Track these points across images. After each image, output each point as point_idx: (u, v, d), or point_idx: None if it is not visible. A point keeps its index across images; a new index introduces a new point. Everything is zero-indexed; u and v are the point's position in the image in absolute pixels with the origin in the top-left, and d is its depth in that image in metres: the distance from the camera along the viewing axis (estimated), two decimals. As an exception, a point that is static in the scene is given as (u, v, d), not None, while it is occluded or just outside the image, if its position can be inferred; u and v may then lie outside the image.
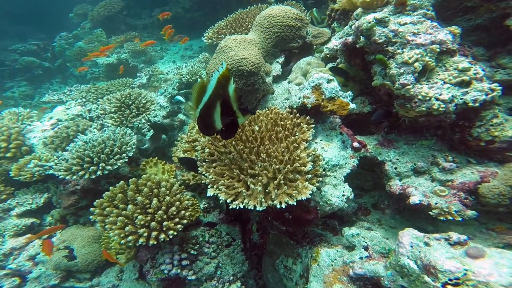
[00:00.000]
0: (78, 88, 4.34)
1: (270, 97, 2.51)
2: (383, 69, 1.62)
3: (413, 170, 1.65)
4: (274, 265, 2.09)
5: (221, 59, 2.53)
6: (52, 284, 2.35)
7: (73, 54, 5.86)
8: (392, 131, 1.79)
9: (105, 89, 3.91)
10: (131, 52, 5.38)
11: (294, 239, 1.99)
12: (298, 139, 1.64)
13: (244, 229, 2.36)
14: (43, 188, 2.91)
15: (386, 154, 1.74)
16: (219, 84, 1.26)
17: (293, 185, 1.46)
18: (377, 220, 1.93)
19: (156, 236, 1.67)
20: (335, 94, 1.72)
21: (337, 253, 1.58)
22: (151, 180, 1.87)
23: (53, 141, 2.83)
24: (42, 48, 7.56)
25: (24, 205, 2.76)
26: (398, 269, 1.14)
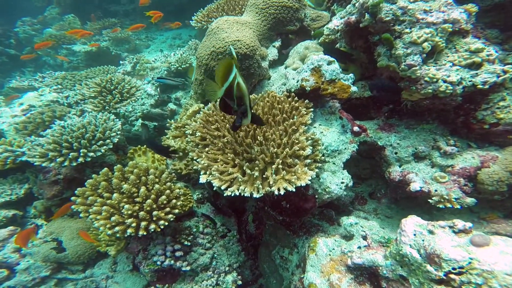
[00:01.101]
0: (52, 75, 4.03)
1: (266, 82, 2.40)
2: (388, 49, 1.55)
3: (414, 155, 1.61)
4: (270, 255, 2.05)
5: (212, 41, 2.38)
6: (43, 275, 2.25)
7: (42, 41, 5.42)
8: (393, 115, 1.73)
9: (84, 76, 3.65)
10: (112, 40, 5.06)
11: (291, 229, 1.94)
12: (296, 122, 1.56)
13: (240, 220, 2.29)
14: (22, 178, 2.72)
15: (386, 139, 1.69)
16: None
17: (292, 170, 1.38)
18: (373, 209, 1.90)
19: (145, 226, 1.56)
20: (336, 77, 1.63)
21: (335, 242, 1.53)
22: (138, 167, 1.74)
23: (26, 127, 2.61)
24: (1, 34, 6.97)
25: (2, 196, 2.58)
26: (399, 259, 1.09)
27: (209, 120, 1.75)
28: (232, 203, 2.32)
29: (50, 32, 5.28)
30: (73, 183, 2.42)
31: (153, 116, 3.34)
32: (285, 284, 1.91)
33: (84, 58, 4.94)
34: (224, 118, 1.74)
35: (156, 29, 6.09)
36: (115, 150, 2.48)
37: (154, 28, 6.12)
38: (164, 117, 3.40)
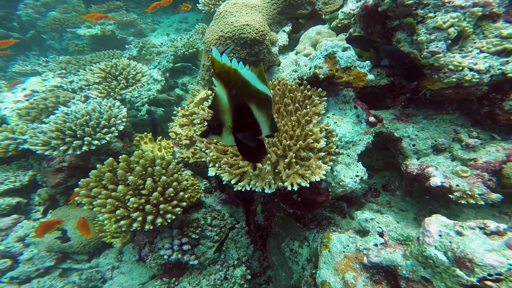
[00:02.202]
0: (56, 59, 3.93)
1: (276, 69, 2.28)
2: (409, 35, 1.42)
3: (433, 147, 1.51)
4: (279, 247, 2.01)
5: (220, 26, 2.25)
6: (48, 265, 2.23)
7: (46, 24, 5.27)
8: (410, 104, 1.63)
9: (88, 61, 3.55)
10: (117, 23, 4.89)
11: (301, 222, 1.89)
12: (310, 112, 1.46)
13: (248, 210, 2.25)
14: (26, 165, 2.69)
15: (403, 130, 1.59)
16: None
17: (305, 164, 1.31)
18: (387, 202, 1.83)
19: (152, 220, 1.52)
20: (352, 64, 1.52)
21: (350, 239, 1.47)
22: (144, 158, 1.68)
23: (29, 113, 2.55)
24: (3, 17, 6.78)
25: (6, 183, 2.55)
26: (421, 260, 1.03)
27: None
28: (240, 192, 2.28)
29: (54, 15, 5.11)
30: (77, 170, 2.38)
31: (160, 102, 3.26)
32: (294, 278, 1.88)
33: (89, 42, 4.80)
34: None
35: (163, 12, 5.88)
36: (121, 137, 2.42)
37: (160, 11, 5.91)
38: (171, 103, 3.32)
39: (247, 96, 0.63)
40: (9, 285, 2.15)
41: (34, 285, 2.13)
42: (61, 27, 4.77)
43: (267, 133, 0.74)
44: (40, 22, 5.77)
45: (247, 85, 0.61)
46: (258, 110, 0.66)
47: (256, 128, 0.69)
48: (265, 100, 0.67)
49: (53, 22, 4.80)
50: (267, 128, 0.72)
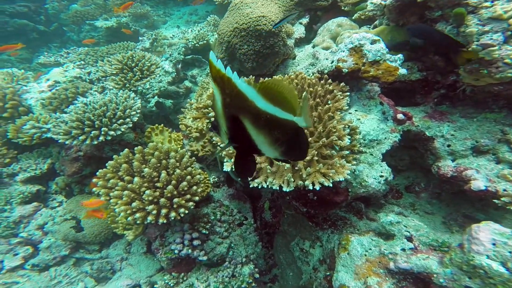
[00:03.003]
0: (76, 50, 4.00)
1: (291, 62, 2.20)
2: (454, 27, 1.29)
3: (473, 148, 1.40)
4: (288, 246, 1.96)
5: (235, 17, 2.18)
6: (63, 254, 2.29)
7: (68, 17, 5.39)
8: (444, 101, 1.51)
9: (105, 52, 3.58)
10: (131, 16, 4.92)
11: (314, 221, 1.83)
12: (332, 107, 1.38)
13: (255, 206, 2.20)
14: (46, 153, 2.75)
15: (437, 129, 1.47)
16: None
17: (328, 163, 1.23)
18: (410, 204, 1.73)
19: (166, 214, 1.49)
20: (381, 57, 1.42)
21: (372, 242, 1.39)
22: (158, 149, 1.65)
23: (52, 103, 2.60)
24: (33, 11, 6.99)
25: (28, 171, 2.61)
26: (467, 269, 0.95)
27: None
28: (248, 188, 2.24)
29: (76, 8, 5.22)
30: (92, 160, 2.41)
31: (169, 94, 3.26)
32: (304, 278, 1.83)
33: (105, 34, 4.87)
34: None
35: (174, 4, 5.86)
36: (133, 128, 2.42)
37: (171, 3, 5.90)
38: (180, 95, 3.31)
39: (241, 109, 0.58)
40: (31, 272, 2.22)
41: (52, 273, 2.19)
42: (81, 20, 4.87)
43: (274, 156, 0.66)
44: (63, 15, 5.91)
45: (242, 97, 0.55)
46: (253, 128, 0.60)
47: (251, 144, 0.62)
48: (266, 120, 0.58)
49: (75, 15, 4.90)
50: (272, 152, 0.64)
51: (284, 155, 0.65)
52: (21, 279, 2.14)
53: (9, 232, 2.40)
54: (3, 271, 2.19)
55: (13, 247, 2.33)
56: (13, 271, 2.20)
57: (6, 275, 2.16)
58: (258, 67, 2.13)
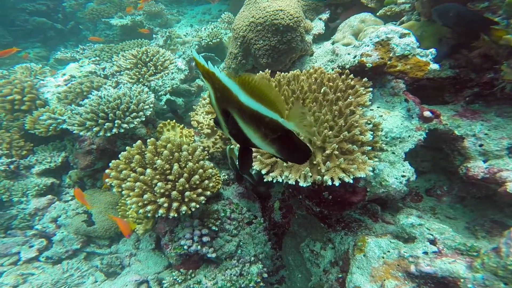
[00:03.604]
0: (92, 47, 4.08)
1: (308, 59, 2.15)
2: (504, 18, 1.21)
3: (510, 149, 1.30)
4: (297, 247, 1.91)
5: (252, 11, 2.15)
6: (75, 248, 2.31)
7: (85, 15, 5.51)
8: (477, 100, 1.42)
9: (120, 49, 3.62)
10: (146, 14, 5.00)
11: (326, 222, 1.77)
12: (353, 102, 1.32)
13: (264, 206, 2.16)
14: (60, 146, 2.79)
15: (468, 127, 1.39)
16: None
17: (349, 158, 1.17)
18: (430, 208, 1.64)
19: (177, 207, 1.46)
20: (410, 52, 1.35)
21: (390, 244, 1.32)
22: (171, 142, 1.63)
23: (67, 96, 2.64)
24: (52, 9, 7.19)
25: (44, 163, 2.65)
26: (503, 274, 0.87)
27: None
28: (257, 187, 2.19)
29: (92, 6, 5.35)
30: (104, 154, 2.41)
31: (181, 92, 3.25)
32: (314, 280, 1.77)
33: (119, 33, 4.95)
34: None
35: (188, 3, 5.93)
36: (145, 123, 2.43)
37: (185, 2, 5.97)
38: (191, 93, 3.30)
39: (228, 103, 0.59)
40: (45, 264, 2.24)
41: (64, 266, 2.20)
42: (97, 17, 4.97)
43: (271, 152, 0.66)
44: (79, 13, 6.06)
45: (227, 91, 0.57)
46: (242, 121, 0.60)
47: (246, 137, 0.63)
48: (251, 114, 0.58)
49: (91, 12, 5.02)
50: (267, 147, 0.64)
51: (280, 154, 0.64)
52: (36, 270, 2.16)
53: (25, 224, 2.44)
54: (20, 262, 2.23)
55: (28, 239, 2.37)
56: (29, 262, 2.23)
57: (23, 266, 2.20)
58: (274, 63, 2.09)
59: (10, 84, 2.74)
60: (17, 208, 2.45)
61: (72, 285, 2.12)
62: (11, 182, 2.50)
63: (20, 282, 2.07)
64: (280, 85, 1.54)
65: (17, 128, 2.75)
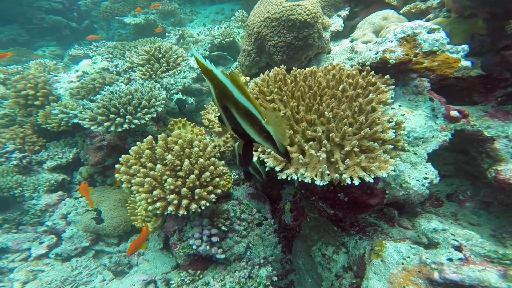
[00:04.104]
0: (105, 44, 4.13)
1: (325, 56, 2.09)
2: None
3: None
4: (308, 251, 1.86)
5: (267, 6, 2.11)
6: (84, 245, 2.30)
7: (99, 13, 5.60)
8: (510, 101, 1.33)
9: (133, 46, 3.65)
10: (159, 13, 5.04)
11: (340, 226, 1.71)
12: (375, 99, 1.25)
13: (274, 208, 2.10)
14: (72, 142, 2.80)
15: (499, 129, 1.30)
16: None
17: (370, 156, 1.11)
18: (452, 214, 1.55)
19: (187, 205, 1.42)
20: (439, 48, 1.28)
21: (411, 249, 1.24)
22: (182, 138, 1.59)
23: (79, 92, 2.66)
24: (67, 7, 7.35)
25: (55, 159, 2.67)
26: None
27: (263, 91, 1.53)
28: (265, 188, 2.14)
29: (106, 5, 5.43)
30: (115, 150, 2.40)
31: (192, 91, 3.23)
32: (325, 285, 1.71)
33: (132, 32, 5.00)
34: (280, 90, 1.51)
35: (201, 3, 5.96)
36: (156, 120, 2.41)
37: (198, 2, 6.00)
38: (203, 93, 3.28)
39: (226, 99, 0.63)
40: (55, 261, 2.24)
41: (74, 264, 2.19)
42: (111, 15, 5.04)
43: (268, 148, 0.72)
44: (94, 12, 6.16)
45: (224, 87, 0.61)
46: (238, 116, 0.65)
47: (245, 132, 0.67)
48: (244, 111, 0.63)
49: (105, 10, 5.10)
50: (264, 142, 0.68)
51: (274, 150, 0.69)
52: (46, 267, 2.16)
53: (36, 220, 2.44)
54: (30, 258, 2.23)
55: (39, 235, 2.38)
56: (39, 259, 2.24)
57: (33, 262, 2.20)
58: (289, 60, 2.04)
59: (24, 79, 2.78)
60: (28, 204, 2.46)
61: (81, 283, 2.11)
62: (23, 177, 2.51)
63: (30, 278, 2.07)
64: (296, 81, 1.49)
65: (30, 124, 2.78)
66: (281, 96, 1.46)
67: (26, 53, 6.39)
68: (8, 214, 2.38)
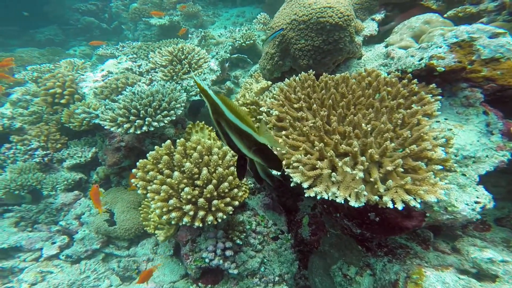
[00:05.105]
0: (131, 44, 4.20)
1: (355, 62, 1.94)
2: None
3: None
4: (327, 269, 1.72)
5: (294, 8, 2.00)
6: (94, 248, 2.27)
7: (128, 14, 5.77)
8: None
9: (157, 47, 3.68)
10: (183, 15, 5.11)
11: (365, 245, 1.56)
12: (419, 111, 1.10)
13: (290, 220, 1.98)
14: (92, 141, 2.83)
15: None
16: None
17: (417, 178, 0.95)
18: (502, 240, 1.36)
19: (203, 217, 1.32)
20: (503, 55, 1.11)
21: (459, 281, 1.07)
22: (201, 144, 1.51)
23: (103, 92, 2.68)
24: (100, 9, 7.68)
25: (75, 158, 2.70)
26: None
27: (289, 98, 1.41)
28: (281, 197, 2.01)
29: (135, 6, 5.60)
30: (132, 152, 2.38)
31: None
32: None
33: (157, 33, 5.10)
34: (308, 97, 1.38)
35: (223, 5, 5.99)
36: (174, 123, 2.36)
37: (221, 5, 6.04)
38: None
39: (219, 115, 0.68)
40: (64, 263, 2.22)
41: (82, 266, 2.17)
42: (138, 17, 5.17)
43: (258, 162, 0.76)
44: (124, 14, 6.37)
45: (216, 105, 0.67)
46: (229, 132, 0.69)
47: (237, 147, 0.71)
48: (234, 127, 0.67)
49: (134, 12, 5.24)
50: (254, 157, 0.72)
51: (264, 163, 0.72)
52: (55, 269, 2.14)
53: (51, 219, 2.46)
54: (41, 258, 2.23)
55: (52, 234, 2.38)
56: (50, 259, 2.23)
57: (43, 263, 2.19)
58: (316, 65, 1.91)
59: (54, 77, 2.85)
60: (45, 202, 2.48)
61: (88, 287, 2.08)
62: (43, 175, 2.55)
63: (39, 279, 2.06)
64: (327, 88, 1.36)
65: (55, 122, 2.84)
66: (309, 104, 1.34)
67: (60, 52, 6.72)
68: (25, 212, 2.40)
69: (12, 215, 2.37)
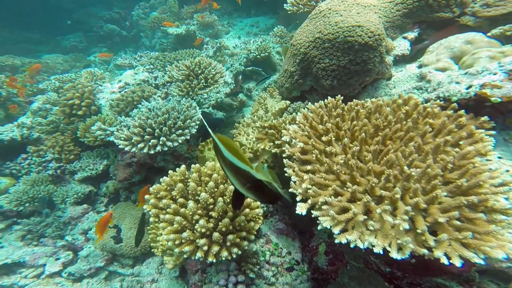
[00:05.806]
0: (148, 54, 4.21)
1: (384, 83, 1.80)
2: None
3: None
4: None
5: (318, 26, 1.90)
6: (98, 265, 2.19)
7: (147, 23, 5.88)
8: None
9: (173, 58, 3.65)
10: (199, 24, 5.14)
11: (394, 283, 1.38)
12: (471, 152, 0.95)
13: (305, 245, 1.84)
14: (104, 153, 2.79)
15: None
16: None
17: (479, 230, 0.80)
18: None
19: (217, 252, 1.21)
20: None
21: None
22: (216, 171, 1.40)
23: (119, 104, 2.64)
24: (122, 17, 7.91)
25: (86, 170, 2.66)
26: None
27: (316, 128, 1.28)
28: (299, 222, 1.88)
29: (154, 15, 5.70)
30: (143, 168, 2.31)
31: (223, 106, 3.10)
32: None
33: (173, 42, 5.13)
34: (338, 128, 1.25)
35: (238, 15, 6.01)
36: (187, 139, 2.29)
37: (235, 14, 6.06)
38: (233, 108, 3.13)
39: (218, 153, 0.81)
40: (66, 281, 2.15)
41: (84, 286, 2.09)
42: (157, 25, 5.24)
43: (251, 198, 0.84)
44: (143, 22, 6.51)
45: (216, 145, 0.81)
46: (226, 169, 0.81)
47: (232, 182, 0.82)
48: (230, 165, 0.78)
49: (153, 21, 5.32)
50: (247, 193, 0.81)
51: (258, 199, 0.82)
52: (55, 287, 2.06)
53: (57, 233, 2.41)
54: (43, 275, 2.16)
55: (57, 250, 2.32)
56: (51, 277, 2.16)
57: (44, 280, 2.13)
58: (340, 86, 1.79)
59: (74, 88, 2.85)
60: (53, 215, 2.44)
61: (87, 308, 1.99)
62: (55, 187, 2.51)
63: None
64: (359, 117, 1.23)
65: (70, 132, 2.83)
66: (338, 134, 1.21)
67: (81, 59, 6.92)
68: (33, 226, 2.36)
69: (20, 228, 2.33)
